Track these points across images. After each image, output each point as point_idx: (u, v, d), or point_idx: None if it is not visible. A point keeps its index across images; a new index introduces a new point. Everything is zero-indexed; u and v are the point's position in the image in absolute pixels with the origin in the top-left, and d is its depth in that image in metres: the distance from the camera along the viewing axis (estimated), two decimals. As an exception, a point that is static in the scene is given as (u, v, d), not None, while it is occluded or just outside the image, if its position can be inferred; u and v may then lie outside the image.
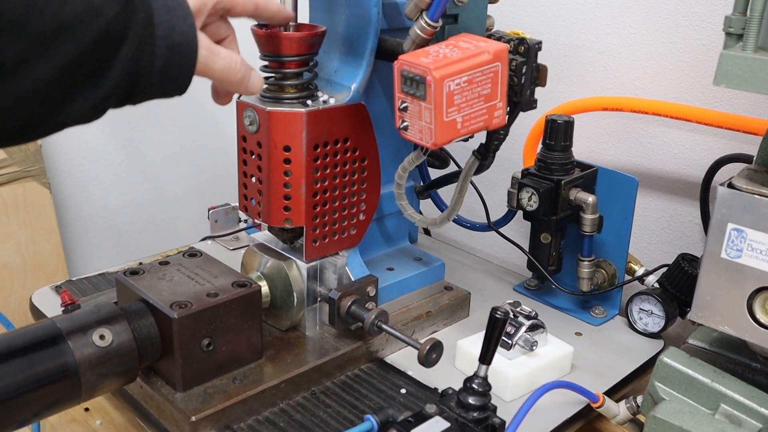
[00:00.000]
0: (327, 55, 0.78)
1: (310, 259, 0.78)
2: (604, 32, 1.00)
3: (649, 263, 0.97)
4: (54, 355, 0.60)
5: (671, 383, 0.69)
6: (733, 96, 0.90)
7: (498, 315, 0.61)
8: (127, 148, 1.37)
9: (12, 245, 1.15)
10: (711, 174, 0.91)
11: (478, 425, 0.61)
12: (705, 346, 0.74)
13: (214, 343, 0.69)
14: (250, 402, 0.69)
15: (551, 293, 0.97)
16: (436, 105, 0.63)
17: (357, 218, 0.80)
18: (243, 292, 0.70)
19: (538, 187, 0.85)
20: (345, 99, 0.75)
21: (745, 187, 0.63)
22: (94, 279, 0.96)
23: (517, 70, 0.72)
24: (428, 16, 0.67)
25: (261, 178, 0.74)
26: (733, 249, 0.63)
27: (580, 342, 0.86)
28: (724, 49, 0.61)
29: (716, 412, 0.66)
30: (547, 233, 0.89)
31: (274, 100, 0.73)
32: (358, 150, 0.77)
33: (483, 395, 0.62)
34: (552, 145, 0.86)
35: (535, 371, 0.76)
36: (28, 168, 1.15)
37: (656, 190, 1.00)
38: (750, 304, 0.64)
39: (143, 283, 0.71)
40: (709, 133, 0.94)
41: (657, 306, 0.86)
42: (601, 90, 1.02)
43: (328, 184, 0.76)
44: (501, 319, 0.61)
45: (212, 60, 0.62)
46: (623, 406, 0.74)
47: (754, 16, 0.59)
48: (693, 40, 0.92)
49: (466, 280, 1.00)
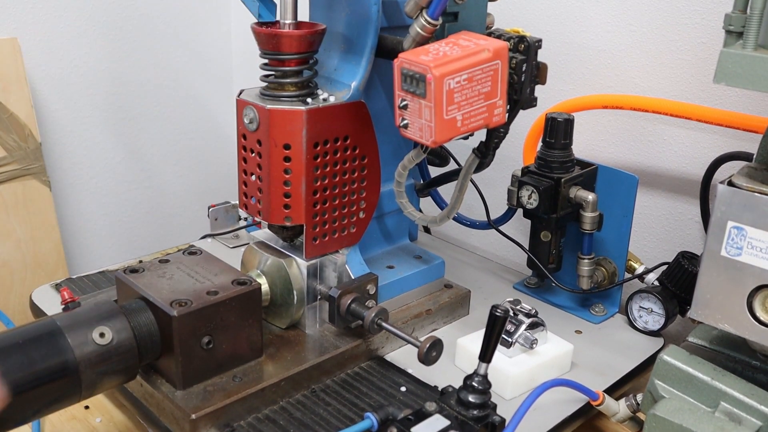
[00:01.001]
0: (327, 53, 0.78)
1: (310, 257, 0.78)
2: (604, 30, 1.00)
3: (649, 261, 0.97)
4: (54, 352, 0.60)
5: (671, 381, 0.69)
6: (733, 94, 0.90)
7: (498, 313, 0.61)
8: (127, 146, 1.37)
9: (12, 243, 1.15)
10: (711, 172, 0.91)
11: (478, 423, 0.61)
12: (705, 344, 0.74)
13: (214, 341, 0.69)
14: (250, 400, 0.70)
15: (551, 291, 0.97)
16: (436, 103, 0.63)
17: (357, 216, 0.80)
18: (243, 290, 0.70)
19: (538, 185, 0.85)
20: (345, 97, 0.75)
21: (745, 185, 0.63)
22: (94, 277, 0.96)
23: (517, 68, 0.72)
24: (428, 14, 0.67)
25: (261, 176, 0.74)
26: (733, 247, 0.63)
27: (580, 340, 0.86)
28: (724, 47, 0.61)
29: (716, 410, 0.66)
30: (547, 231, 0.89)
31: (274, 98, 0.73)
32: (358, 148, 0.77)
33: (483, 393, 0.62)
34: (552, 143, 0.86)
35: (535, 369, 0.76)
36: (28, 166, 1.15)
37: (656, 187, 1.00)
38: (750, 302, 0.64)
39: (143, 281, 0.71)
40: (709, 131, 0.94)
41: (657, 304, 0.86)
42: (601, 88, 1.02)
43: (328, 182, 0.76)
44: (501, 317, 0.61)
45: None
46: (623, 404, 0.74)
47: (754, 14, 0.59)
48: (693, 38, 0.92)
49: (466, 278, 1.00)
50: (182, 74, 1.42)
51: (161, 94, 1.39)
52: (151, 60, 1.36)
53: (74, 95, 1.27)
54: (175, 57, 1.40)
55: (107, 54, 1.29)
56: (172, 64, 1.40)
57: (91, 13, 1.25)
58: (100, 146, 1.33)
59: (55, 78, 1.24)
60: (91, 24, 1.26)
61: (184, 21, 1.40)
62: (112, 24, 1.29)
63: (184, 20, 1.40)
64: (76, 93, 1.27)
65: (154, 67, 1.37)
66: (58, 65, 1.24)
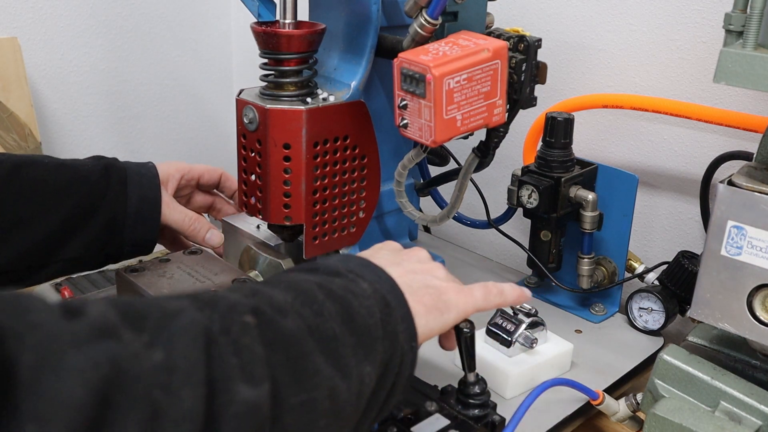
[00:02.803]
0: (327, 53, 0.78)
1: (309, 256, 0.78)
2: (604, 29, 1.00)
3: (649, 260, 0.97)
4: (54, 352, 0.60)
5: (671, 380, 0.69)
6: (733, 93, 0.90)
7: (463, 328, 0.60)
8: (127, 145, 1.37)
9: (12, 243, 1.15)
10: (711, 171, 0.91)
11: (478, 422, 0.61)
12: (705, 344, 0.74)
13: (214, 341, 0.69)
14: (250, 399, 0.69)
15: (551, 291, 0.97)
16: (436, 103, 0.63)
17: (357, 216, 0.80)
18: (243, 290, 0.70)
19: (538, 184, 0.85)
20: (345, 96, 0.75)
21: (745, 185, 0.63)
22: (94, 276, 0.96)
23: (517, 67, 0.72)
24: (428, 13, 0.67)
25: (261, 175, 0.74)
26: (733, 246, 0.63)
27: (579, 339, 0.86)
28: (724, 47, 0.61)
29: (716, 409, 0.66)
30: (547, 231, 0.89)
31: (274, 97, 0.73)
32: (357, 147, 0.77)
33: (481, 393, 0.62)
34: (552, 143, 0.86)
35: (534, 368, 0.76)
36: (28, 166, 1.15)
37: (656, 187, 1.00)
38: (750, 301, 0.64)
39: (144, 280, 0.71)
40: (709, 130, 0.94)
41: (657, 303, 0.86)
42: (601, 87, 1.02)
43: (327, 182, 0.76)
44: (466, 334, 0.61)
45: (170, 212, 0.80)
46: (623, 404, 0.74)
47: (754, 13, 0.59)
48: (693, 38, 0.92)
49: (466, 278, 0.99)
50: (182, 74, 1.42)
51: (161, 94, 1.39)
52: (151, 60, 1.36)
53: (74, 95, 1.27)
54: (175, 57, 1.40)
55: (107, 54, 1.29)
56: (172, 63, 1.40)
57: (91, 13, 1.25)
58: (100, 146, 1.33)
59: (55, 78, 1.24)
60: (91, 24, 1.26)
61: (184, 21, 1.40)
62: (112, 24, 1.29)
63: (184, 20, 1.40)
64: (76, 93, 1.27)
65: (154, 67, 1.37)
66: (58, 65, 1.24)
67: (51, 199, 0.73)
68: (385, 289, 0.52)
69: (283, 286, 0.48)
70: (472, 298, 0.59)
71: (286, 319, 0.44)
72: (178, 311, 0.39)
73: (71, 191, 0.74)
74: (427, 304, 0.55)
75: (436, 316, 0.55)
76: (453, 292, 0.58)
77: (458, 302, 0.57)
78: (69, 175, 0.75)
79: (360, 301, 0.49)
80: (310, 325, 0.45)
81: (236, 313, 0.42)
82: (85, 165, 0.77)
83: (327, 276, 0.51)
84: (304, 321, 0.45)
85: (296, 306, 0.46)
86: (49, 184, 0.73)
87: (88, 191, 0.75)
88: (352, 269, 0.53)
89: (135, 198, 0.77)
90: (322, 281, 0.49)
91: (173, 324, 0.38)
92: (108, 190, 0.76)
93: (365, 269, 0.53)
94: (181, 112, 1.43)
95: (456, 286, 0.59)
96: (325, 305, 0.47)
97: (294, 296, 0.46)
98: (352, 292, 0.49)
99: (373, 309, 0.49)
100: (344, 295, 0.49)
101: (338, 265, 0.53)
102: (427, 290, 0.56)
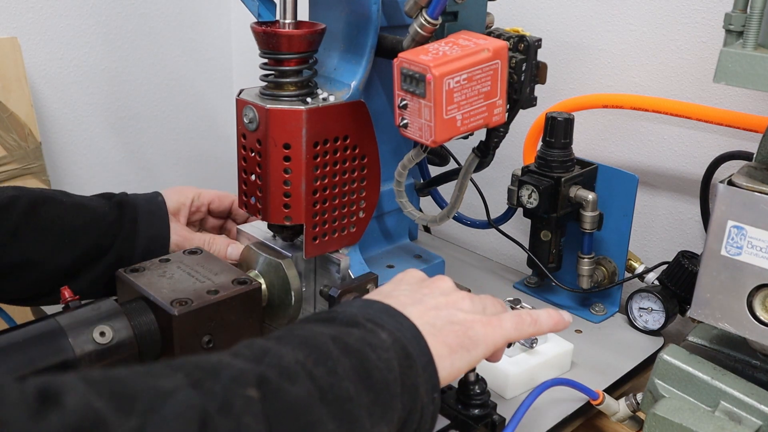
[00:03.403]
0: (326, 53, 0.78)
1: (309, 256, 0.78)
2: (604, 29, 1.00)
3: (649, 260, 0.97)
4: (54, 351, 0.60)
5: (671, 380, 0.69)
6: (733, 93, 0.90)
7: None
8: (126, 145, 1.37)
9: (12, 243, 1.15)
10: (711, 171, 0.91)
11: (478, 422, 0.61)
12: (705, 344, 0.74)
13: (214, 341, 0.69)
14: (250, 399, 0.69)
15: (551, 290, 0.97)
16: (436, 103, 0.63)
17: (357, 216, 0.80)
18: (243, 290, 0.70)
19: (538, 184, 0.85)
20: (345, 96, 0.75)
21: (745, 185, 0.63)
22: (94, 276, 0.96)
23: (517, 67, 0.72)
24: (428, 13, 0.67)
25: (261, 175, 0.74)
26: (733, 246, 0.64)
27: (580, 339, 0.86)
28: (724, 47, 0.61)
29: (716, 409, 0.66)
30: (547, 230, 0.89)
31: (274, 97, 0.73)
32: (358, 147, 0.77)
33: (482, 393, 0.62)
34: (552, 143, 0.86)
35: (535, 368, 0.76)
36: (28, 165, 1.15)
37: (656, 187, 1.00)
38: (750, 301, 0.64)
39: (143, 280, 0.71)
40: (709, 130, 0.94)
41: (657, 303, 0.86)
42: (601, 87, 1.02)
43: (327, 182, 0.76)
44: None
45: (184, 242, 0.82)
46: (623, 404, 0.74)
47: (754, 13, 0.59)
48: (693, 38, 0.92)
49: (466, 278, 1.00)
50: (182, 74, 1.42)
51: (161, 94, 1.39)
52: (151, 60, 1.36)
53: (74, 95, 1.27)
54: (175, 57, 1.40)
55: (107, 54, 1.29)
56: (172, 63, 1.40)
57: (91, 13, 1.25)
58: (99, 146, 1.33)
59: (55, 78, 1.24)
60: (91, 24, 1.26)
61: (184, 21, 1.40)
62: (112, 24, 1.29)
63: (184, 20, 1.40)
64: (76, 93, 1.27)
65: (154, 67, 1.37)
66: (58, 65, 1.24)
67: (66, 239, 0.75)
68: (407, 338, 0.50)
69: (296, 342, 0.45)
70: (501, 330, 0.55)
71: (294, 386, 0.41)
72: (171, 391, 0.37)
73: (87, 232, 0.76)
74: (451, 344, 0.52)
75: (462, 355, 0.52)
76: (480, 326, 0.55)
77: (486, 336, 0.54)
78: (86, 216, 0.76)
79: (378, 354, 0.47)
80: (322, 386, 0.43)
81: (239, 385, 0.40)
82: (101, 206, 0.79)
83: (344, 327, 0.49)
84: (315, 383, 0.42)
85: (308, 366, 0.43)
86: (66, 224, 0.75)
87: (103, 233, 0.77)
88: (371, 317, 0.50)
89: (144, 238, 0.79)
90: (338, 334, 0.47)
91: (165, 407, 0.36)
92: (120, 231, 0.78)
93: (385, 315, 0.51)
94: (181, 112, 1.43)
95: (483, 318, 0.56)
96: (339, 362, 0.44)
97: (306, 354, 0.44)
98: (370, 345, 0.47)
99: (392, 363, 0.47)
100: (361, 348, 0.46)
101: (357, 313, 0.51)
102: (452, 328, 0.53)
